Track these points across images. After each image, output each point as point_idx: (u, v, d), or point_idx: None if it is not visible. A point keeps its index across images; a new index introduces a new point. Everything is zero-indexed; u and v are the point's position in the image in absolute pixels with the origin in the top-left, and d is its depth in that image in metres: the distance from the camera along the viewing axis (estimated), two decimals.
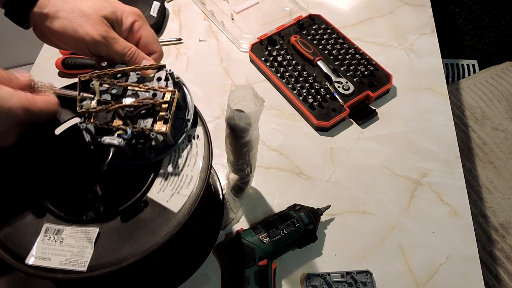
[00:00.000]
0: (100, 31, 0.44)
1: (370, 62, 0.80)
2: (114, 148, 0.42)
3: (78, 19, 0.44)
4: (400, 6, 0.94)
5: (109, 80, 0.44)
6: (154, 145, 0.44)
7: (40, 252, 0.41)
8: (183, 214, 0.43)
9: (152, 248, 0.41)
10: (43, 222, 0.43)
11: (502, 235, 0.87)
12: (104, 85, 0.44)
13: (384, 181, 0.69)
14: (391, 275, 0.60)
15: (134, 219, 0.43)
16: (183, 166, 0.46)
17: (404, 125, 0.75)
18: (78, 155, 0.49)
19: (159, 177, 0.45)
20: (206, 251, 0.59)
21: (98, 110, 0.43)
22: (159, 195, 0.44)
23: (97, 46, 0.45)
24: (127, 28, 0.47)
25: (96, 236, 0.42)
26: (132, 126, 0.43)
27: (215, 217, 0.62)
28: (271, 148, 0.73)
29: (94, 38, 0.44)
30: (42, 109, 0.42)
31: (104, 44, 0.45)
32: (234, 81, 0.83)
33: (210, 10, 0.93)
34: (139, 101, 0.44)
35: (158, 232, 0.42)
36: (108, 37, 0.45)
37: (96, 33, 0.44)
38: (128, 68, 0.45)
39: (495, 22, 1.50)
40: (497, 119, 1.03)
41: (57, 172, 0.49)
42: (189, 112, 0.48)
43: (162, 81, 0.46)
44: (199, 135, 0.48)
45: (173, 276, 0.57)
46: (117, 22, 0.46)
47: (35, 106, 0.40)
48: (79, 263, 0.40)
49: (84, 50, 0.46)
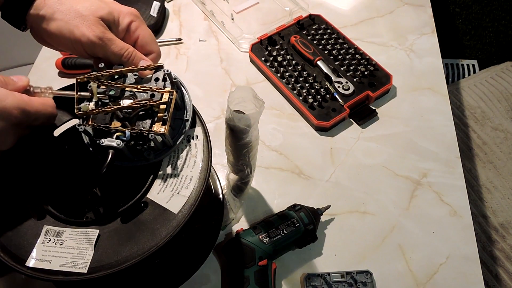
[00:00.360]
0: (97, 32, 0.44)
1: (370, 62, 0.80)
2: (113, 150, 0.42)
3: (74, 21, 0.44)
4: (400, 6, 0.94)
5: (107, 82, 0.44)
6: (153, 146, 0.44)
7: (41, 255, 0.41)
8: (183, 214, 0.43)
9: (152, 249, 0.41)
10: (43, 224, 0.43)
11: (502, 235, 0.87)
12: (102, 86, 0.44)
13: (384, 181, 0.69)
14: (391, 275, 0.60)
15: (134, 220, 0.43)
16: (182, 166, 0.46)
17: (404, 125, 0.75)
18: (77, 157, 0.49)
19: (159, 178, 0.45)
20: (206, 251, 0.59)
21: (96, 112, 0.43)
22: (158, 196, 0.44)
23: (93, 47, 0.45)
24: (124, 29, 0.47)
25: (96, 238, 0.42)
26: (130, 127, 0.43)
27: (215, 217, 0.62)
28: (271, 148, 0.73)
29: (90, 39, 0.44)
30: (39, 110, 0.41)
31: (100, 45, 0.44)
32: (234, 81, 0.83)
33: (210, 10, 0.93)
34: (137, 102, 0.44)
35: (159, 233, 0.42)
36: (105, 38, 0.45)
37: (92, 34, 0.44)
38: (125, 69, 0.45)
39: (495, 22, 1.50)
40: (497, 119, 1.03)
41: (56, 174, 0.49)
42: (188, 112, 0.48)
43: (160, 81, 0.46)
44: (198, 135, 0.48)
45: (174, 276, 0.57)
46: (113, 22, 0.46)
47: (31, 107, 0.40)
48: (80, 265, 0.40)
49: (81, 51, 0.46)
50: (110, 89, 0.44)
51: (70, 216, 0.44)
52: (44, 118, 0.42)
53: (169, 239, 0.41)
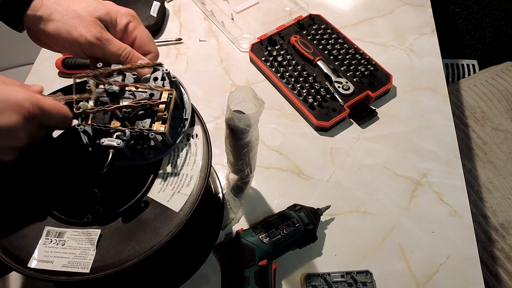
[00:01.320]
0: (94, 33, 0.44)
1: (370, 62, 0.80)
2: (113, 150, 0.42)
3: (71, 21, 0.44)
4: (400, 6, 0.94)
5: (106, 80, 0.44)
6: (153, 145, 0.44)
7: (42, 255, 0.41)
8: (184, 213, 0.43)
9: (154, 247, 0.41)
10: (44, 225, 0.43)
11: (502, 235, 0.87)
12: (100, 86, 0.44)
13: (384, 181, 0.69)
14: (391, 275, 0.60)
15: (135, 219, 0.43)
16: (182, 165, 0.46)
17: (404, 125, 0.75)
18: (77, 157, 0.49)
19: (159, 177, 0.45)
20: (206, 251, 0.59)
21: (95, 111, 0.43)
22: (159, 195, 0.44)
23: (91, 48, 0.45)
24: (122, 29, 0.47)
25: (98, 238, 0.42)
26: (130, 127, 0.43)
27: (215, 217, 0.62)
28: (271, 148, 0.73)
29: (88, 39, 0.44)
30: (52, 108, 0.41)
31: (98, 45, 0.44)
32: (234, 81, 0.83)
33: (210, 10, 0.93)
34: (137, 101, 0.44)
35: (160, 231, 0.42)
36: (102, 38, 0.44)
37: (90, 34, 0.44)
38: (124, 67, 0.45)
39: (495, 22, 1.50)
40: (497, 119, 1.03)
41: (56, 175, 0.49)
42: (187, 111, 0.48)
43: (159, 80, 0.46)
44: (197, 134, 0.48)
45: (174, 276, 0.57)
46: (111, 23, 0.46)
47: (43, 103, 0.40)
48: (82, 265, 0.40)
49: (78, 52, 0.46)
50: (109, 87, 0.44)
51: (71, 217, 0.44)
52: (58, 118, 0.42)
53: (171, 238, 0.41)
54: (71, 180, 0.50)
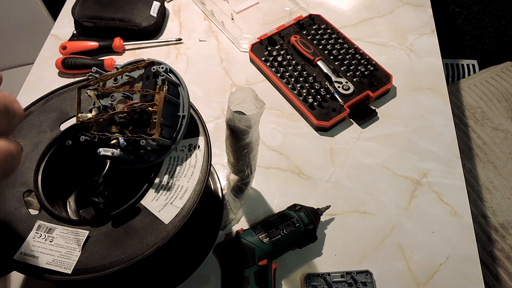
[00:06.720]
0: None
1: (370, 62, 0.80)
2: (110, 159, 0.42)
3: None
4: (400, 6, 0.94)
5: (101, 88, 0.45)
6: (150, 149, 0.44)
7: (29, 250, 0.40)
8: (173, 226, 0.42)
9: (138, 258, 0.40)
10: (36, 219, 0.42)
11: (502, 235, 0.87)
12: (93, 94, 0.45)
13: (384, 181, 0.69)
14: (391, 275, 0.60)
15: (125, 225, 0.43)
16: (180, 175, 0.46)
17: (404, 125, 0.75)
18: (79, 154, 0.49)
19: (154, 185, 0.45)
20: (206, 251, 0.59)
21: (93, 120, 0.44)
22: (152, 203, 0.44)
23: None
24: None
25: (85, 239, 0.41)
26: (125, 135, 0.43)
27: (215, 217, 0.62)
28: (271, 148, 0.73)
29: None
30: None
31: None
32: (234, 81, 0.83)
33: (210, 10, 0.93)
34: (129, 106, 0.44)
35: (146, 242, 0.41)
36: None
37: None
38: (119, 71, 0.46)
39: (495, 22, 1.50)
40: (497, 119, 1.03)
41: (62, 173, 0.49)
42: (184, 107, 0.47)
43: (151, 79, 0.45)
44: (200, 145, 0.48)
45: (173, 276, 0.57)
46: None
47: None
48: (65, 265, 0.40)
49: None
50: (107, 95, 0.45)
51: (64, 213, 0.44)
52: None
53: (155, 250, 0.41)
54: (73, 180, 0.50)
